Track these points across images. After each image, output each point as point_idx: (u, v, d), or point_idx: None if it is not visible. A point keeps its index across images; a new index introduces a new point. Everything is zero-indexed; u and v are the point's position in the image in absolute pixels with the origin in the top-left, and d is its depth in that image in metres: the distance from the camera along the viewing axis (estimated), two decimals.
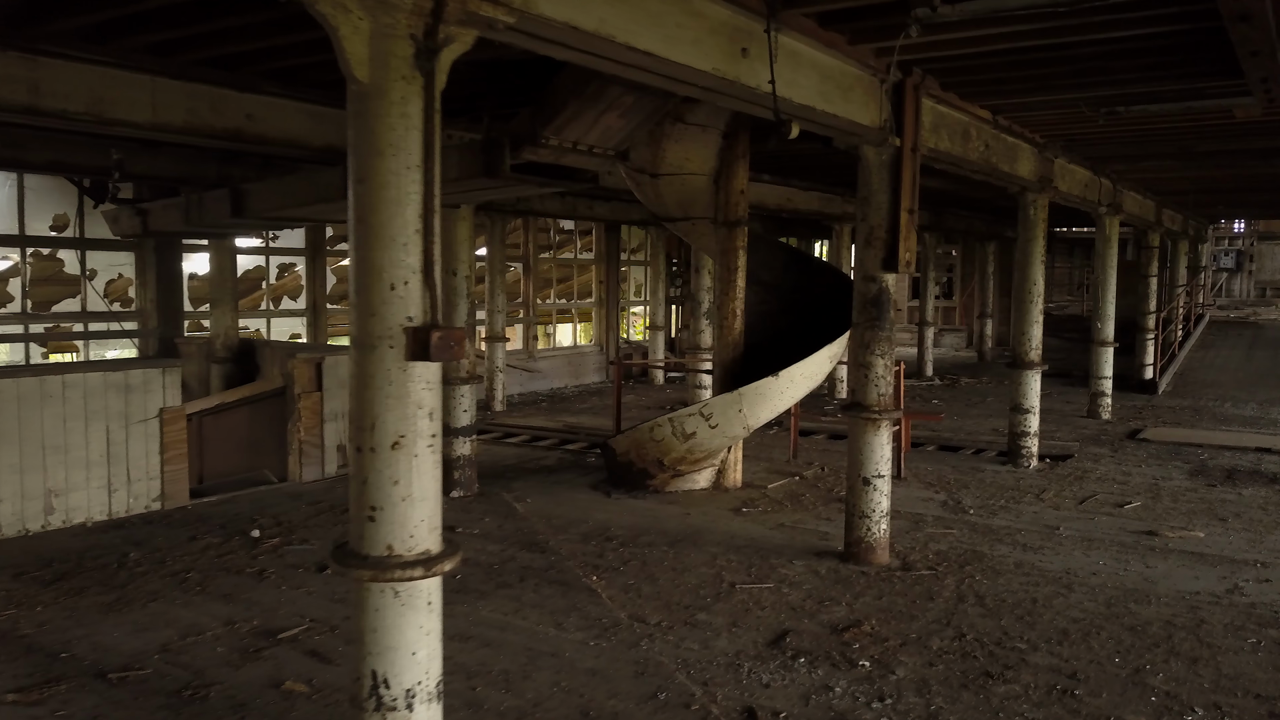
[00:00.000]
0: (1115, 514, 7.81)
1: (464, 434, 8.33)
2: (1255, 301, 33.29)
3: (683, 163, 8.36)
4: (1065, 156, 10.05)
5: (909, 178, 6.17)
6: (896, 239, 6.17)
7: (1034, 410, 9.68)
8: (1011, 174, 8.62)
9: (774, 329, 9.17)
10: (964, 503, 8.15)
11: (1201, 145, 9.63)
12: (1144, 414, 13.41)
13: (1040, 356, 9.76)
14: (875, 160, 6.19)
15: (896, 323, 26.39)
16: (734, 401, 7.71)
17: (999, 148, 8.21)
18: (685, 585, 5.98)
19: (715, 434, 7.85)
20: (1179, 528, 7.36)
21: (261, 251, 12.05)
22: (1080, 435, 11.61)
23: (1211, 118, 8.01)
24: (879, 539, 6.39)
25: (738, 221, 8.44)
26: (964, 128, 7.43)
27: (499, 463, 9.80)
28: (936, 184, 13.59)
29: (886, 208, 6.19)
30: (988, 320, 21.73)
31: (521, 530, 7.23)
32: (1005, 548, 6.83)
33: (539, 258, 16.07)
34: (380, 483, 2.97)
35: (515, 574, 6.18)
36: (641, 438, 8.06)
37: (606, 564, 6.39)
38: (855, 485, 6.42)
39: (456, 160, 6.21)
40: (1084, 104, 7.32)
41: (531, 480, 8.96)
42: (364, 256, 2.95)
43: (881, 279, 6.28)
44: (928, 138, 6.76)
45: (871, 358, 6.32)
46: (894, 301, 6.64)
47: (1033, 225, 9.55)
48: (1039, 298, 9.64)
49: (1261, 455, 10.32)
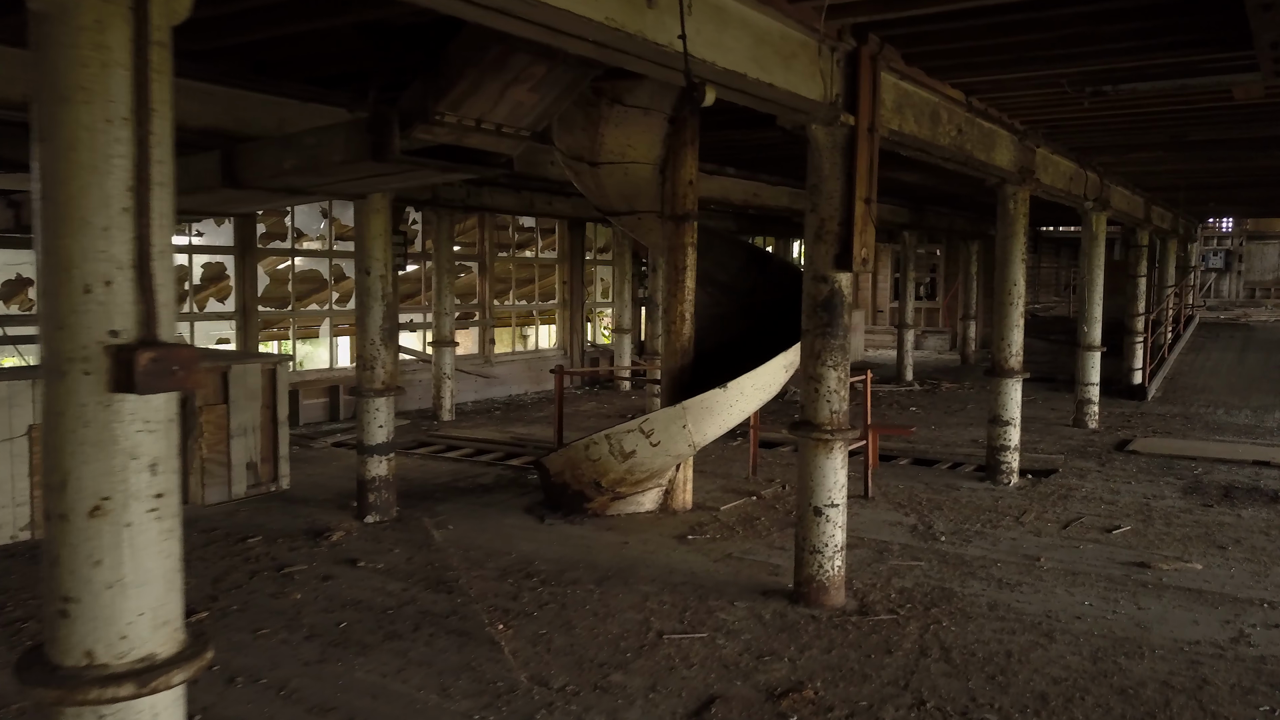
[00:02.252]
0: (1102, 541, 7.01)
1: (379, 452, 7.47)
2: (1245, 302, 32.71)
3: (625, 150, 7.53)
4: (1048, 146, 9.26)
5: (865, 162, 5.35)
6: (850, 233, 5.34)
7: (1014, 423, 8.88)
8: (988, 163, 7.81)
9: (729, 334, 8.35)
10: (935, 527, 7.33)
11: (1195, 133, 8.85)
12: (1133, 422, 12.63)
13: (1022, 363, 8.96)
14: (825, 142, 5.37)
15: (878, 325, 25.73)
16: (677, 417, 6.88)
17: (974, 134, 7.40)
18: (605, 635, 5.13)
19: (657, 453, 7.02)
20: (1174, 558, 6.56)
21: (184, 250, 11.15)
22: (1065, 446, 10.82)
23: (1207, 99, 7.22)
24: (832, 577, 5.56)
25: (686, 216, 7.61)
26: (933, 109, 6.61)
27: (430, 480, 8.94)
28: (914, 178, 12.86)
29: (839, 197, 5.37)
30: (971, 322, 20.97)
31: (432, 564, 6.37)
32: (978, 584, 6.01)
33: (496, 257, 15.21)
34: (75, 563, 2.11)
35: (410, 621, 5.33)
36: (576, 457, 7.21)
37: (519, 608, 5.54)
38: (805, 516, 5.59)
39: (343, 142, 5.35)
40: (1066, 82, 6.52)
41: (461, 502, 8.11)
42: (50, 246, 2.10)
43: (834, 279, 5.45)
44: (889, 118, 5.94)
45: (823, 369, 5.50)
46: (875, 303, 5.84)
47: (1013, 220, 8.75)
48: (1020, 299, 8.85)
49: (1260, 470, 9.54)
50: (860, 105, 5.28)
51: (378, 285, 7.38)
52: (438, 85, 5.00)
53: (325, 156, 5.44)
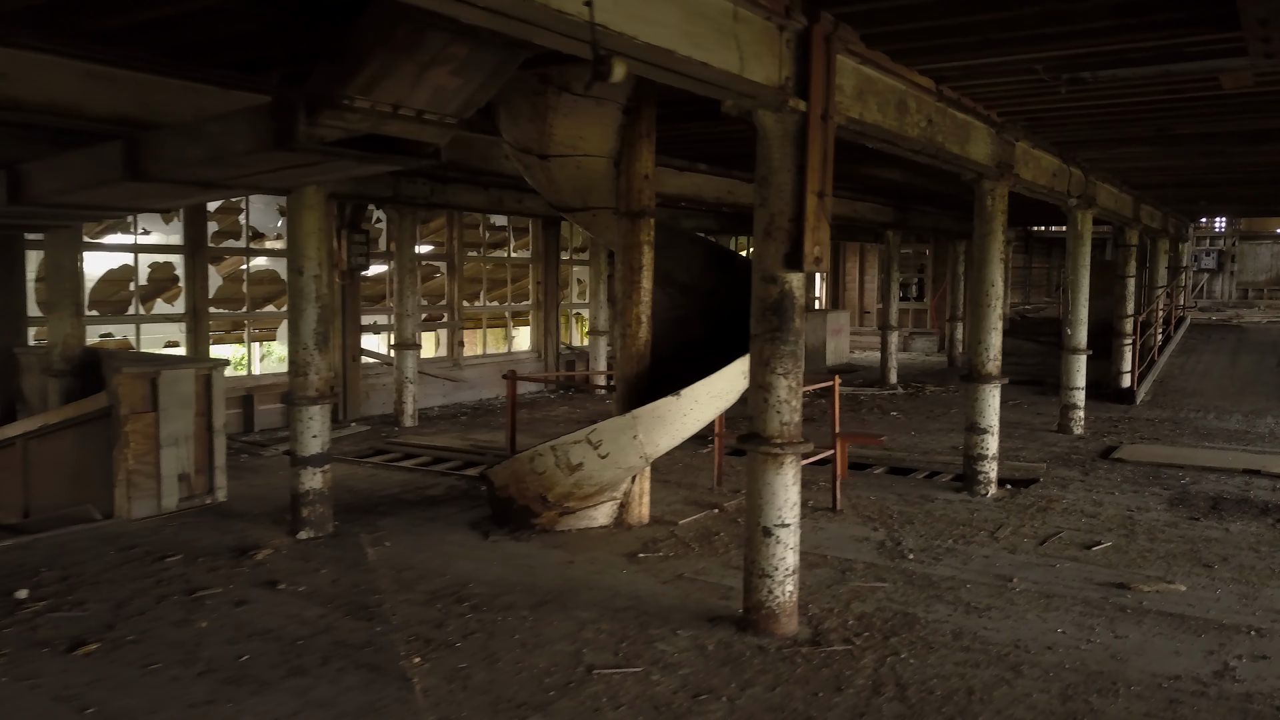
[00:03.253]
0: (1081, 559, 6.57)
1: (313, 464, 7.01)
2: (1237, 303, 32.35)
3: (576, 142, 7.07)
4: (1029, 140, 8.82)
5: (818, 153, 4.90)
6: (802, 230, 4.90)
7: (992, 430, 8.44)
8: (962, 157, 7.37)
9: (689, 338, 7.90)
10: (904, 544, 6.89)
11: (1182, 126, 8.42)
12: (1120, 428, 12.21)
13: (999, 368, 8.52)
14: (775, 130, 4.92)
15: (865, 327, 25.30)
16: (627, 427, 6.43)
17: (946, 125, 6.96)
18: (530, 670, 4.68)
19: (606, 465, 6.56)
20: (1156, 578, 6.12)
21: (129, 249, 10.67)
22: (1049, 454, 10.39)
23: (1194, 88, 6.79)
24: (783, 603, 5.11)
25: (642, 212, 7.16)
26: (900, 98, 6.17)
27: (378, 491, 8.48)
28: (895, 175, 12.41)
29: (790, 190, 4.92)
30: (959, 324, 20.53)
31: (359, 586, 5.92)
32: (944, 608, 5.57)
33: (466, 257, 14.75)
34: None
35: (319, 654, 4.87)
36: (521, 469, 6.76)
37: (443, 637, 5.09)
38: (754, 537, 5.14)
39: (246, 129, 4.90)
40: (1042, 67, 6.08)
41: (405, 515, 7.65)
42: None
43: (784, 280, 5.00)
44: (849, 105, 5.50)
45: (772, 377, 5.05)
46: (862, 305, 5.40)
47: (990, 218, 8.31)
48: (998, 300, 8.41)
49: (1250, 479, 9.12)
50: (812, 90, 4.84)
51: (311, 286, 6.91)
52: (346, 67, 4.54)
53: (228, 146, 4.99)
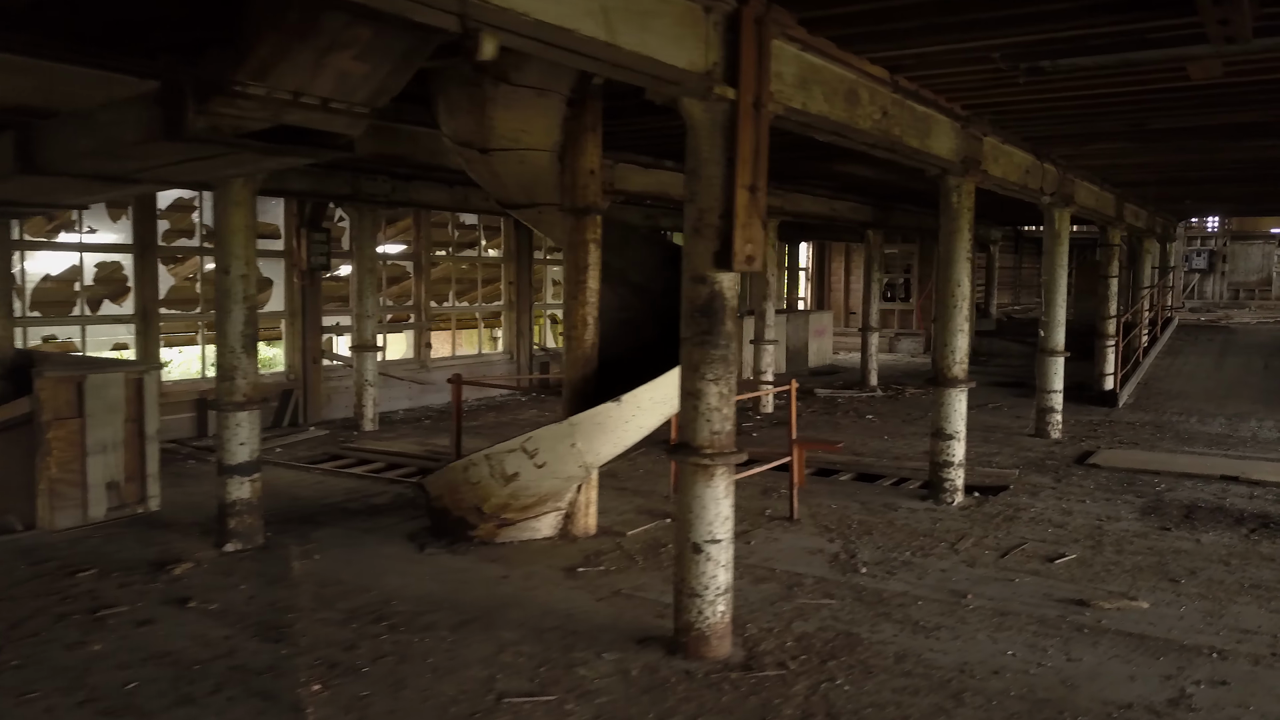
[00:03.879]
0: (1042, 572, 6.26)
1: (241, 473, 6.69)
2: (1228, 303, 32.07)
3: (518, 135, 6.75)
4: (998, 135, 8.51)
5: (749, 144, 4.59)
6: (732, 227, 4.58)
7: (958, 436, 8.13)
8: (923, 151, 7.06)
9: (641, 340, 7.58)
10: (859, 556, 6.58)
11: (1156, 120, 8.11)
12: (1099, 431, 11.91)
13: (966, 371, 8.22)
14: (703, 120, 4.61)
15: (850, 327, 24.99)
16: (565, 435, 6.11)
17: (904, 117, 6.65)
18: (437, 699, 4.37)
19: (544, 475, 6.25)
20: (1118, 594, 5.81)
21: (74, 248, 10.34)
22: (1023, 459, 10.08)
23: (1162, 79, 6.49)
24: (714, 625, 4.80)
25: (588, 209, 6.85)
26: (850, 88, 5.86)
27: (321, 499, 8.15)
28: (869, 173, 12.09)
29: (719, 184, 4.61)
30: None
31: (276, 604, 5.59)
32: (891, 627, 5.26)
33: (433, 256, 14.42)
34: None
35: (214, 680, 4.55)
36: (455, 479, 6.44)
37: (351, 661, 4.77)
38: (683, 554, 4.83)
39: (135, 118, 4.58)
40: (999, 55, 5.77)
41: (343, 526, 7.32)
42: None
43: (715, 280, 4.69)
44: (791, 95, 5.19)
45: (702, 384, 4.73)
46: (847, 305, 5.08)
47: (956, 215, 8.00)
48: (965, 301, 8.11)
49: (1227, 486, 8.82)
50: (743, 77, 4.53)
51: (238, 286, 6.60)
52: (236, 52, 4.22)
53: (119, 136, 4.67)
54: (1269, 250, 33.87)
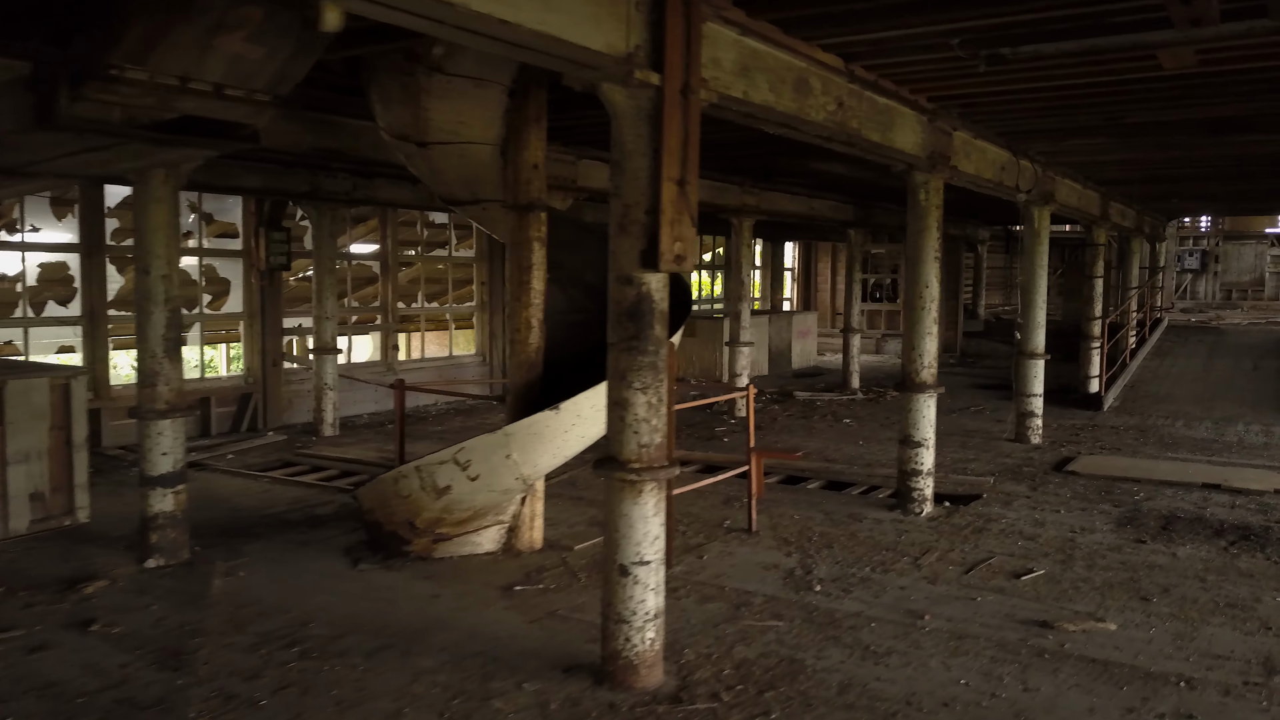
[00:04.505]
0: (1007, 590, 5.92)
1: (164, 484, 6.33)
2: (1220, 304, 31.81)
3: (457, 127, 6.42)
4: (969, 129, 8.18)
5: (676, 134, 4.25)
6: (658, 223, 4.24)
7: (927, 444, 7.79)
8: (885, 146, 6.72)
9: (593, 344, 7.22)
10: (816, 572, 6.23)
11: (1133, 113, 7.78)
12: (1081, 436, 11.57)
13: (935, 376, 7.87)
14: (626, 107, 4.26)
15: (836, 328, 24.64)
16: (499, 446, 5.76)
17: (862, 109, 6.31)
18: None
19: (478, 488, 5.89)
20: (1085, 615, 5.47)
21: (16, 247, 9.97)
22: (999, 466, 9.74)
23: (1133, 68, 6.15)
24: (643, 653, 4.45)
25: (531, 205, 6.50)
26: (799, 76, 5.52)
27: (262, 509, 7.79)
28: (843, 170, 11.76)
29: (645, 177, 4.27)
30: None
31: (185, 627, 5.24)
32: (839, 653, 4.91)
33: (401, 256, 14.06)
34: None
35: (97, 715, 4.19)
36: (386, 492, 6.09)
37: (250, 693, 4.41)
38: (609, 576, 4.48)
39: (9, 105, 4.22)
40: (958, 43, 5.43)
41: (279, 539, 6.97)
42: None
43: (641, 281, 4.34)
44: (729, 82, 4.85)
45: (629, 392, 4.39)
46: (834, 306, 4.75)
47: (924, 213, 7.66)
48: (933, 303, 7.76)
49: (1208, 495, 8.48)
50: (668, 61, 4.18)
51: (159, 287, 6.23)
52: (109, 33, 3.88)
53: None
54: (1261, 250, 33.60)
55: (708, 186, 12.03)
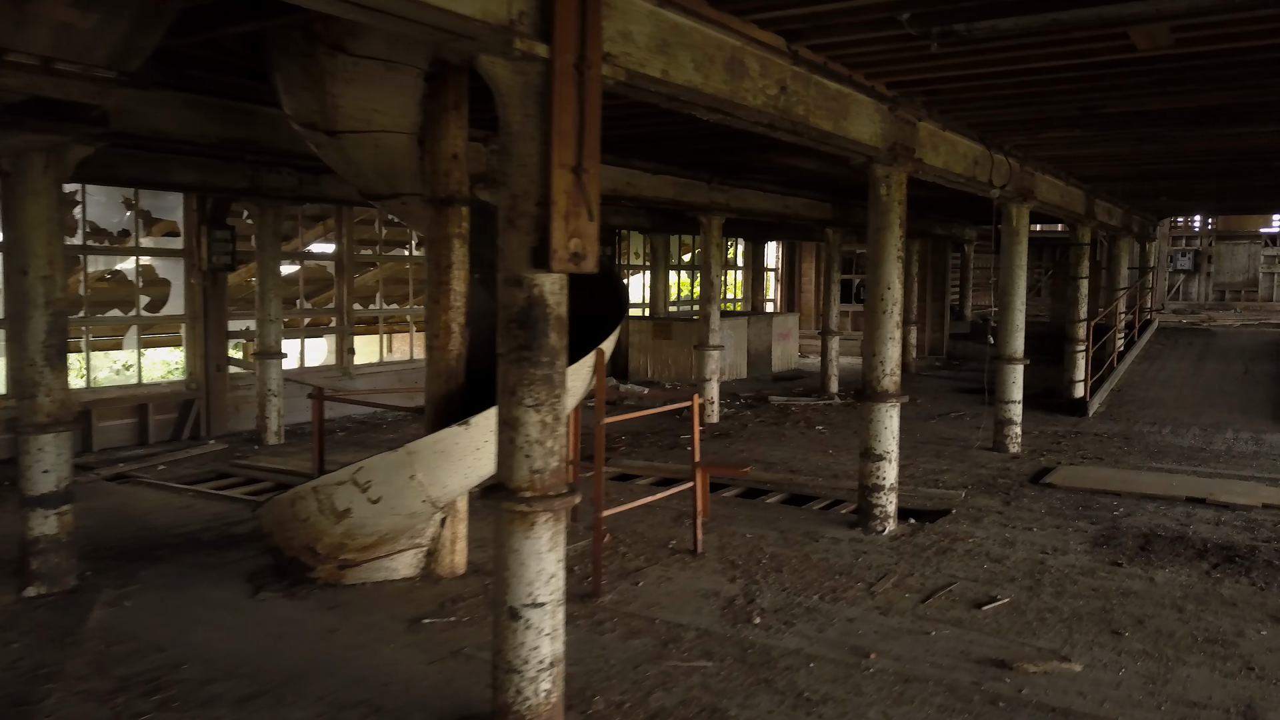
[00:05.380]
0: (966, 622, 5.39)
1: (46, 505, 5.77)
2: (1213, 305, 31.32)
3: (370, 116, 5.86)
4: (936, 120, 7.64)
5: (569, 114, 3.70)
6: (550, 216, 3.70)
7: (889, 457, 7.26)
8: (839, 135, 6.19)
9: None
10: (759, 601, 5.69)
11: (1110, 102, 7.25)
12: (1063, 445, 11.05)
13: (898, 385, 7.33)
14: (511, 83, 3.72)
15: (817, 329, 24.11)
16: (401, 465, 5.21)
17: (811, 95, 5.77)
18: None
19: (381, 512, 5.34)
20: (1048, 653, 4.94)
21: None
22: (973, 477, 9.21)
23: (1107, 49, 5.62)
24: (537, 706, 3.90)
25: (450, 199, 5.95)
26: (732, 56, 4.98)
27: (175, 528, 7.23)
28: (816, 166, 11.23)
29: (535, 163, 3.72)
30: (912, 327, 19.42)
31: (43, 669, 4.68)
32: (769, 699, 4.37)
33: (359, 255, 13.51)
34: None
35: None
36: (283, 514, 5.54)
37: None
38: (499, 620, 3.94)
39: None
40: (907, 18, 4.89)
41: (182, 562, 6.41)
42: None
43: (532, 282, 3.80)
44: (644, 59, 4.31)
45: (520, 410, 3.85)
46: (818, 307, 4.21)
47: (886, 209, 7.13)
48: (895, 306, 7.22)
49: (1192, 510, 7.96)
50: (558, 31, 3.64)
51: (39, 289, 5.68)
52: None
53: None
54: (1255, 250, 33.09)
55: (673, 183, 11.49)
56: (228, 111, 6.87)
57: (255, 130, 7.08)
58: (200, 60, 6.48)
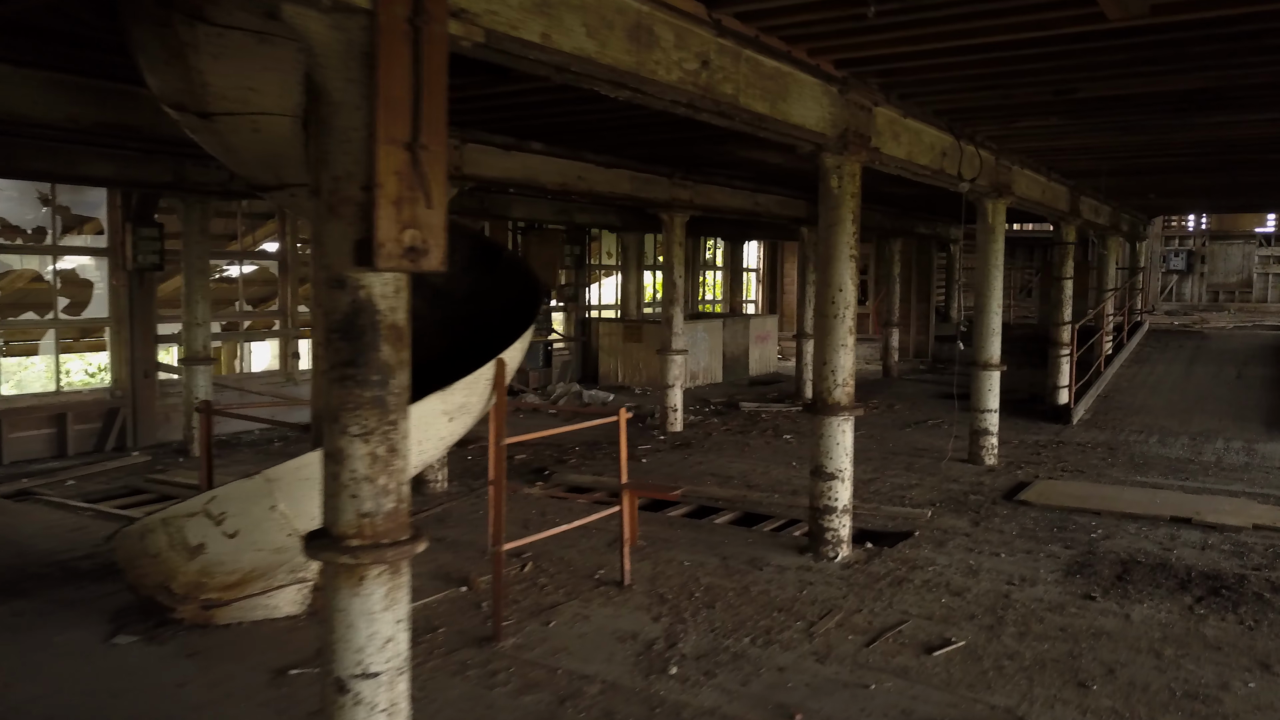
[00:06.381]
0: (912, 672, 4.71)
1: None
2: (1207, 306, 30.72)
3: (245, 95, 5.19)
4: (895, 106, 6.98)
5: (401, 77, 3.03)
6: (374, 202, 3.02)
7: (842, 475, 6.58)
8: (778, 120, 5.51)
9: (425, 359, 6.02)
10: (682, 645, 5.02)
11: (1084, 85, 6.58)
12: (1043, 456, 10.39)
13: (852, 397, 6.65)
14: (328, 41, 3.04)
15: (794, 330, 23.48)
16: (260, 495, 4.53)
17: (740, 73, 5.10)
18: None
19: (240, 547, 4.66)
20: (1003, 711, 4.27)
21: None
22: (943, 493, 8.54)
23: (1074, 19, 4.94)
24: None
25: None
26: (637, 22, 4.31)
27: (56, 554, 6.53)
28: (782, 159, 10.54)
29: (360, 139, 3.05)
30: (894, 330, 18.77)
31: None
32: None
33: (304, 254, 12.82)
34: None
35: None
36: (133, 550, 4.86)
37: None
38: (326, 695, 3.25)
39: None
40: None
41: (47, 596, 5.72)
42: None
43: (358, 283, 3.13)
44: (515, 19, 3.65)
45: (345, 441, 3.17)
46: (800, 308, 3.48)
47: (836, 203, 6.46)
48: (848, 310, 6.55)
49: (1177, 531, 7.30)
50: None
51: None
52: None
53: None
54: (1249, 250, 32.49)
55: (629, 178, 10.81)
56: (103, 93, 6.19)
57: (139, 115, 6.39)
58: (67, 36, 5.80)
